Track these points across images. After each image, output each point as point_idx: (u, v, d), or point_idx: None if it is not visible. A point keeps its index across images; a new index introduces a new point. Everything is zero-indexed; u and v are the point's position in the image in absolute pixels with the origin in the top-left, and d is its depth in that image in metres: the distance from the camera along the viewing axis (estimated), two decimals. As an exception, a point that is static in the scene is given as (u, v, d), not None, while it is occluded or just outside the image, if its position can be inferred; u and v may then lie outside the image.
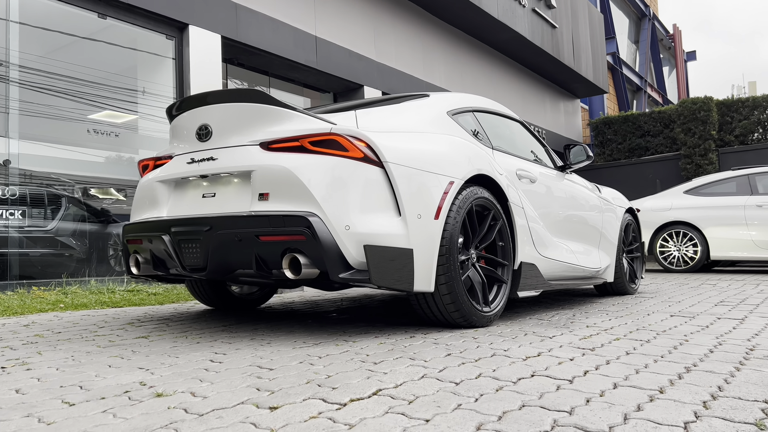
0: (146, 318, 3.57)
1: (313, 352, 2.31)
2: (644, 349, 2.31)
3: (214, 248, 2.72)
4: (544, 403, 1.53)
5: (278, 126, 2.77)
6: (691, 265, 8.49)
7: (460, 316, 2.83)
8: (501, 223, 3.16)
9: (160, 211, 3.09)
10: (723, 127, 14.52)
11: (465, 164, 2.99)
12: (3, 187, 5.23)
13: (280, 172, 2.63)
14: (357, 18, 8.65)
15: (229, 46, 6.85)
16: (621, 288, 4.83)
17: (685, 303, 4.12)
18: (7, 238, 5.26)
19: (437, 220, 2.74)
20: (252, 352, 2.33)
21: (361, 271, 2.56)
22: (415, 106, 3.30)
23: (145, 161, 3.36)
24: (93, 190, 6.43)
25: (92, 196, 6.43)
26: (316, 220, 2.52)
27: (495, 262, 3.16)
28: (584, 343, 2.47)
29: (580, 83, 15.06)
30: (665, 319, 3.29)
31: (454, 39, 10.95)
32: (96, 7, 5.64)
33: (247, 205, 2.73)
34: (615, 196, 5.09)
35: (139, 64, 6.43)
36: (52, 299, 4.53)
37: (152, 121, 6.43)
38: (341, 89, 8.81)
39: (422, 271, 2.67)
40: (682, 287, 5.67)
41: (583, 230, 4.26)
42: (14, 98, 5.26)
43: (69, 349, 2.50)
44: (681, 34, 28.99)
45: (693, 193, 8.87)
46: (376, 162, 2.66)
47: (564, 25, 13.52)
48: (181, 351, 2.41)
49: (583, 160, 4.23)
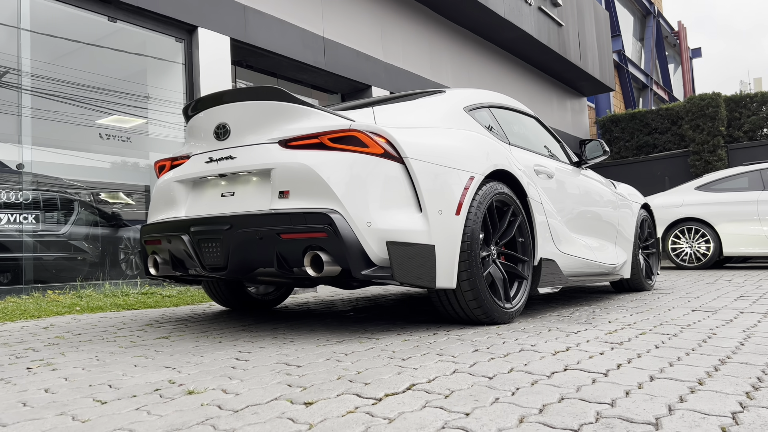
0: (164, 319, 3.56)
1: (339, 349, 2.29)
2: (673, 343, 2.28)
3: (235, 247, 2.70)
4: (584, 396, 1.50)
5: (297, 123, 2.76)
6: (704, 262, 8.43)
7: (482, 313, 2.80)
8: (521, 219, 3.13)
9: (179, 211, 3.08)
10: (731, 123, 14.44)
11: (484, 159, 2.96)
12: (16, 191, 5.23)
13: (300, 169, 2.61)
14: (364, 18, 8.64)
15: (238, 48, 6.85)
16: (637, 284, 4.80)
17: (705, 298, 4.08)
18: (21, 242, 5.27)
19: (458, 215, 2.71)
20: (277, 350, 2.31)
21: (384, 268, 2.54)
22: (432, 101, 3.28)
23: (161, 162, 3.35)
24: (103, 195, 6.44)
25: (103, 200, 6.44)
26: (338, 216, 2.50)
27: (515, 258, 3.14)
28: (611, 337, 2.44)
29: (586, 81, 15.00)
30: (687, 314, 3.25)
31: (460, 38, 10.93)
32: (106, 11, 5.65)
33: (267, 203, 2.71)
34: (630, 192, 5.06)
35: (149, 67, 6.44)
36: (68, 302, 4.52)
37: (162, 125, 6.44)
38: (349, 90, 8.79)
39: (444, 267, 2.65)
40: (698, 283, 5.63)
41: (600, 226, 4.23)
42: (26, 105, 5.27)
43: (92, 350, 2.48)
44: (686, 31, 28.89)
45: (704, 189, 8.81)
46: (397, 158, 2.64)
47: (570, 23, 13.48)
48: (204, 350, 2.39)
49: (599, 156, 4.20)
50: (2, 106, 5.19)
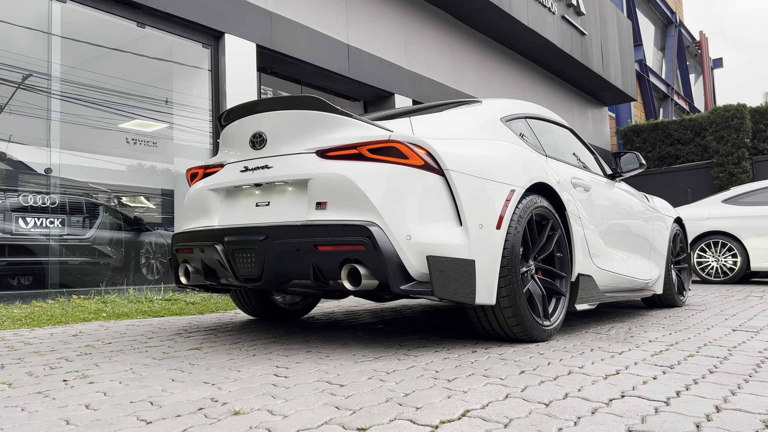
0: (192, 328, 3.52)
1: (378, 366, 2.23)
2: (726, 367, 2.19)
3: (270, 258, 2.65)
4: (652, 428, 1.42)
5: (334, 133, 2.71)
6: (731, 276, 8.26)
7: (521, 330, 2.73)
8: (559, 233, 3.06)
9: (211, 219, 3.04)
10: (756, 134, 14.22)
11: (524, 173, 2.89)
12: (43, 195, 5.24)
13: (338, 180, 2.56)
14: (388, 25, 8.61)
15: (263, 55, 6.84)
16: (670, 300, 4.68)
17: (741, 317, 3.97)
18: (48, 246, 5.27)
19: (499, 230, 2.64)
20: (314, 366, 2.25)
21: (423, 283, 2.47)
22: (469, 112, 3.22)
23: (193, 169, 3.31)
24: (127, 199, 6.45)
25: (126, 204, 6.44)
26: (377, 229, 2.44)
27: (553, 273, 3.06)
28: (659, 359, 2.35)
29: (608, 91, 14.86)
30: (729, 334, 3.15)
31: (483, 46, 10.87)
32: (135, 16, 5.66)
33: (304, 213, 2.66)
34: (663, 206, 4.96)
35: (175, 72, 6.44)
36: (93, 308, 4.51)
37: (187, 130, 6.43)
38: (372, 97, 8.76)
39: (484, 283, 2.58)
40: (728, 299, 5.49)
41: (634, 240, 4.13)
42: (55, 109, 5.29)
43: (125, 361, 2.44)
44: (707, 41, 28.60)
45: (732, 202, 8.64)
46: (437, 170, 2.58)
47: (593, 32, 13.37)
48: (240, 364, 2.34)
49: (635, 168, 4.11)
50: (32, 110, 5.21)
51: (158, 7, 5.68)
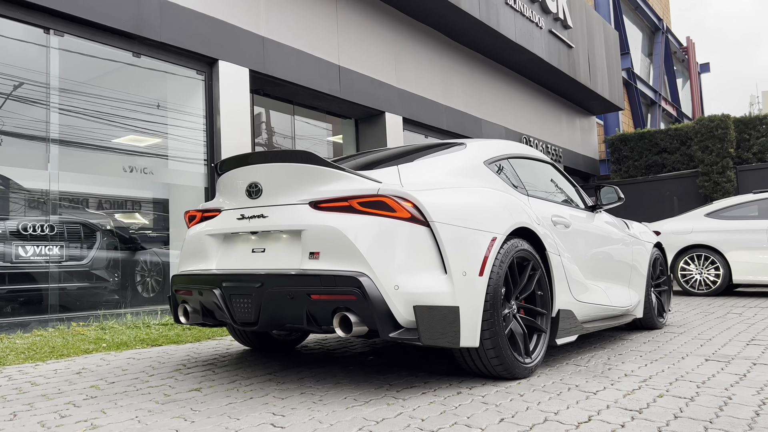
0: (191, 362, 3.67)
1: (369, 415, 2.39)
2: (691, 411, 2.37)
3: (266, 304, 2.81)
4: (612, 489, 1.59)
5: (326, 186, 2.87)
6: (713, 289, 8.48)
7: (503, 370, 2.90)
8: (540, 273, 3.23)
9: (209, 263, 3.19)
10: (741, 144, 14.50)
11: (506, 219, 3.06)
12: (42, 220, 5.37)
13: (330, 232, 2.72)
14: (378, 45, 8.78)
15: (256, 78, 6.99)
16: (650, 323, 4.87)
17: (716, 342, 4.15)
18: (48, 273, 5.40)
19: (482, 276, 2.81)
20: (309, 414, 2.41)
21: (410, 330, 2.64)
22: (453, 157, 3.39)
23: (191, 212, 3.46)
24: (123, 224, 6.59)
25: (122, 231, 6.59)
26: (367, 280, 2.60)
27: (534, 311, 3.23)
28: (629, 402, 2.53)
29: (596, 101, 15.11)
30: (701, 365, 3.34)
31: (472, 62, 11.06)
32: (131, 46, 5.80)
33: (298, 262, 2.82)
34: (642, 231, 5.14)
35: (170, 99, 6.58)
36: (93, 336, 4.64)
37: (181, 157, 6.57)
38: (363, 116, 8.93)
39: (468, 327, 2.74)
40: (708, 317, 5.69)
41: (614, 270, 4.31)
42: (54, 135, 5.42)
43: (130, 407, 2.59)
44: (695, 46, 28.97)
45: (714, 216, 8.87)
46: (423, 221, 2.75)
47: (580, 44, 13.60)
48: (238, 410, 2.49)
49: (614, 202, 4.30)
50: (31, 136, 5.34)
51: (153, 37, 5.82)
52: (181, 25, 6.06)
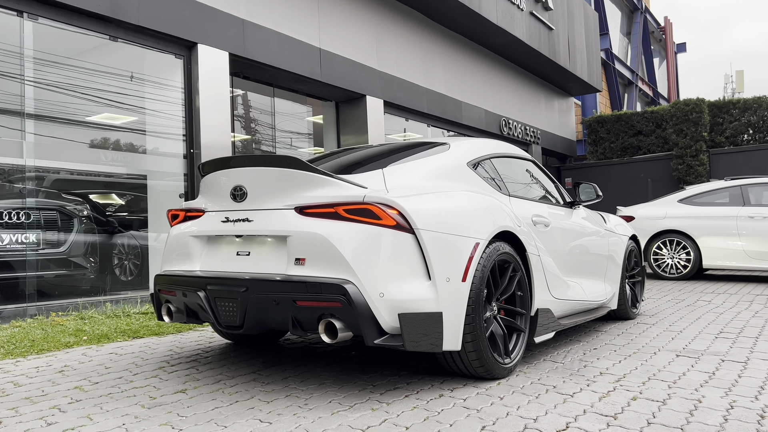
0: (174, 359, 3.69)
1: (354, 422, 2.44)
2: (663, 417, 2.47)
3: (251, 308, 2.84)
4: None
5: (312, 191, 2.88)
6: (684, 273, 8.72)
7: (484, 371, 2.98)
8: (520, 274, 3.30)
9: (193, 264, 3.20)
10: (714, 128, 14.75)
11: (489, 223, 3.11)
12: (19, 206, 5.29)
13: (316, 239, 2.74)
14: (360, 27, 8.69)
15: (236, 62, 6.89)
16: (624, 314, 5.01)
17: (687, 335, 4.30)
18: (25, 260, 5.33)
19: (464, 282, 2.86)
20: (295, 421, 2.46)
21: (395, 336, 2.69)
22: (437, 159, 3.42)
23: (174, 211, 3.45)
24: (99, 207, 6.51)
25: (99, 214, 6.51)
26: (352, 287, 2.64)
27: (514, 312, 3.31)
28: (605, 406, 2.63)
29: (574, 83, 15.19)
30: (672, 361, 3.47)
31: (453, 44, 11.01)
32: (107, 30, 5.66)
33: (283, 267, 2.84)
34: (618, 224, 5.26)
35: (148, 82, 6.46)
36: (72, 327, 4.62)
37: (160, 139, 6.48)
38: (343, 98, 8.87)
39: (450, 331, 2.81)
40: (679, 305, 5.88)
41: (591, 264, 4.42)
42: (30, 131, 5.30)
43: (116, 411, 2.61)
44: (672, 26, 29.16)
45: (687, 203, 9.07)
46: (408, 229, 2.78)
47: (560, 26, 13.61)
48: (224, 415, 2.53)
49: (593, 199, 4.38)
50: (6, 124, 5.22)
51: (130, 21, 5.68)
52: (159, 7, 5.92)
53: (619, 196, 13.17)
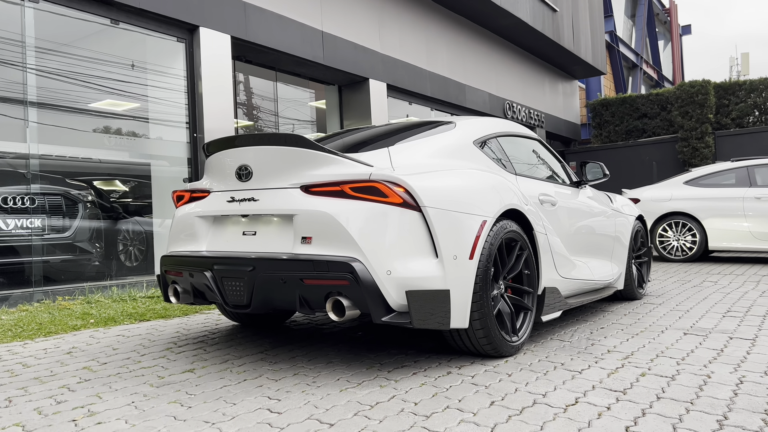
0: (181, 340, 3.69)
1: (363, 398, 2.44)
2: (672, 392, 2.46)
3: (258, 288, 2.83)
4: (601, 478, 1.67)
5: (318, 170, 2.86)
6: (690, 255, 8.70)
7: (491, 349, 2.97)
8: (527, 253, 3.28)
9: (199, 244, 3.19)
10: (720, 110, 14.64)
11: (496, 201, 3.09)
12: (23, 193, 5.28)
13: (322, 217, 2.73)
14: (363, 10, 8.62)
15: (238, 45, 6.84)
16: (630, 294, 5.00)
17: (694, 314, 4.28)
18: (30, 246, 5.34)
19: (472, 260, 2.85)
20: (304, 398, 2.46)
21: (402, 314, 2.68)
22: (444, 137, 3.39)
23: (179, 192, 3.44)
24: (104, 192, 6.50)
25: (104, 199, 6.50)
26: (359, 265, 2.62)
27: (521, 290, 3.29)
28: (613, 382, 2.62)
29: (579, 65, 15.07)
30: (680, 339, 3.45)
31: (456, 26, 10.92)
32: (108, 13, 5.62)
33: (290, 246, 2.83)
34: (625, 204, 5.23)
35: (150, 66, 6.42)
36: (79, 311, 4.63)
37: (163, 124, 6.46)
38: (346, 82, 8.81)
39: (458, 309, 2.80)
40: (685, 286, 5.86)
41: (598, 244, 4.40)
42: (33, 119, 5.28)
43: (125, 390, 2.62)
44: (677, 8, 28.87)
45: (693, 184, 9.02)
46: (414, 206, 2.76)
47: (564, 8, 13.47)
48: (233, 393, 2.54)
49: (599, 178, 4.35)
50: (9, 111, 5.20)
51: (131, 3, 5.64)
52: (160, -10, 5.87)
53: (624, 180, 13.11)
